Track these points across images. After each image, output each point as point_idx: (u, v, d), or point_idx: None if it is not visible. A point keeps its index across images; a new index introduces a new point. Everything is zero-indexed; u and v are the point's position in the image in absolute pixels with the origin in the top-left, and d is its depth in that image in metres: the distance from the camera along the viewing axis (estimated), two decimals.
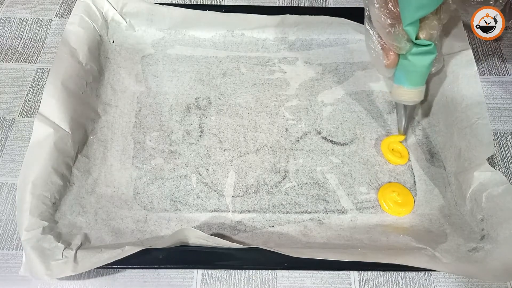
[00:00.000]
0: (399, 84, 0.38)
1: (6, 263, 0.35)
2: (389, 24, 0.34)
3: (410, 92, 0.37)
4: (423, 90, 0.38)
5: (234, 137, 0.41)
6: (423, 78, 0.37)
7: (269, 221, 0.37)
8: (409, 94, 0.37)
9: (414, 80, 0.37)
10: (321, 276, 0.35)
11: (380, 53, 0.37)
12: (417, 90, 0.37)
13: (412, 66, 0.36)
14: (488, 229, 0.33)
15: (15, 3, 0.50)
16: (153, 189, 0.38)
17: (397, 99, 0.39)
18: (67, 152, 0.36)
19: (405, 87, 0.37)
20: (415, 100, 0.38)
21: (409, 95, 0.37)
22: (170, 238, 0.32)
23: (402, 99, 0.38)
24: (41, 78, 0.44)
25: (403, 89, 0.37)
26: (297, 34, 0.46)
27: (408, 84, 0.37)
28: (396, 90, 0.38)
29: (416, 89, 0.37)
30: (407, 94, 0.37)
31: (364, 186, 0.39)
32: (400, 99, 0.38)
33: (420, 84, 0.37)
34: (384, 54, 0.36)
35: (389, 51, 0.36)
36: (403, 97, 0.38)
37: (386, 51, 0.36)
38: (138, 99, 0.43)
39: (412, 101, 0.38)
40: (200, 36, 0.47)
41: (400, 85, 0.37)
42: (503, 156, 0.40)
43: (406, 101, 0.38)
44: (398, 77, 0.38)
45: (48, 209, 0.33)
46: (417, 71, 0.36)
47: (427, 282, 0.35)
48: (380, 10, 0.34)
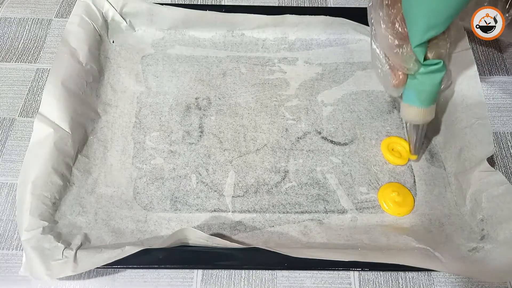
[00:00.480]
0: (409, 103, 0.36)
1: (6, 263, 0.35)
2: (396, 45, 0.32)
3: (421, 111, 0.35)
4: (433, 109, 0.36)
5: (234, 137, 0.41)
6: (433, 96, 0.35)
7: (269, 221, 0.37)
8: (420, 113, 0.36)
9: (425, 99, 0.35)
10: (321, 276, 0.35)
11: (387, 73, 0.35)
12: (428, 109, 0.35)
13: (422, 85, 0.34)
14: (488, 229, 0.33)
15: (15, 3, 0.50)
16: (153, 189, 0.38)
17: (408, 119, 0.37)
18: (67, 152, 0.36)
19: (416, 107, 0.35)
20: (426, 120, 0.36)
21: (420, 114, 0.36)
22: (170, 238, 0.32)
23: (412, 118, 0.36)
24: (41, 78, 0.44)
25: (413, 109, 0.36)
26: (297, 34, 0.46)
27: (419, 103, 0.35)
28: (406, 109, 0.36)
29: (427, 108, 0.35)
30: (417, 114, 0.36)
31: (364, 186, 0.39)
32: (411, 118, 0.37)
33: (431, 103, 0.35)
34: (392, 74, 0.35)
35: (397, 71, 0.34)
36: (413, 117, 0.36)
37: (393, 71, 0.34)
38: (138, 99, 0.43)
39: (423, 121, 0.36)
40: (200, 36, 0.47)
41: (410, 105, 0.36)
42: (503, 156, 0.40)
43: (417, 120, 0.36)
44: (408, 96, 0.36)
45: (48, 209, 0.33)
46: (426, 90, 0.34)
47: (427, 282, 0.35)
48: (387, 31, 0.32)
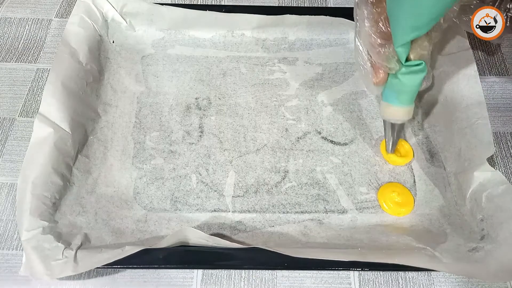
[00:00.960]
0: (388, 102, 0.36)
1: (6, 263, 0.35)
2: (379, 44, 0.32)
3: (400, 110, 0.36)
4: (412, 109, 0.37)
5: (234, 137, 0.41)
6: (412, 97, 0.36)
7: (269, 221, 0.37)
8: (398, 112, 0.36)
9: (404, 99, 0.36)
10: (321, 276, 0.35)
11: (369, 71, 0.35)
12: (406, 109, 0.36)
13: (402, 85, 0.34)
14: (488, 229, 0.33)
15: (15, 3, 0.50)
16: (153, 189, 0.38)
17: (386, 117, 0.38)
18: (67, 152, 0.36)
19: (394, 106, 0.36)
20: (404, 119, 0.37)
21: (399, 113, 0.36)
22: (170, 238, 0.32)
23: (391, 117, 0.37)
24: (41, 78, 0.44)
25: (392, 108, 0.36)
26: (297, 34, 0.46)
27: (398, 102, 0.36)
28: (384, 108, 0.37)
29: (406, 107, 0.36)
30: (396, 113, 0.36)
31: (364, 186, 0.39)
32: (389, 117, 0.37)
33: (410, 103, 0.36)
34: (373, 72, 0.35)
35: (378, 69, 0.35)
36: (392, 116, 0.37)
37: (375, 69, 0.35)
38: (138, 99, 0.43)
39: (401, 120, 0.37)
40: (200, 36, 0.47)
41: (389, 104, 0.36)
42: (503, 156, 0.40)
43: (395, 119, 0.37)
44: (387, 96, 0.36)
45: (48, 209, 0.33)
46: (407, 90, 0.35)
47: (427, 282, 0.35)
48: (371, 29, 0.33)
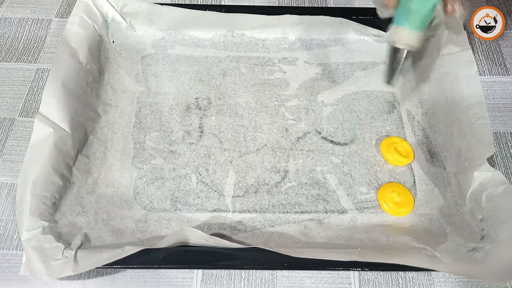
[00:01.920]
0: (398, 25, 0.36)
1: (6, 263, 0.35)
2: None
3: (410, 34, 0.36)
4: (421, 36, 0.36)
5: (234, 137, 0.41)
6: (424, 20, 0.36)
7: (269, 221, 0.37)
8: (408, 36, 0.36)
9: (415, 22, 0.35)
10: (321, 276, 0.35)
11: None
12: (415, 33, 0.36)
13: (415, 5, 0.35)
14: (488, 229, 0.33)
15: (15, 3, 0.50)
16: (153, 189, 0.38)
17: (394, 41, 0.37)
18: (67, 152, 0.36)
19: (404, 28, 0.36)
20: (412, 45, 0.36)
21: (408, 37, 0.36)
22: (170, 238, 0.32)
23: (399, 40, 0.36)
24: (41, 78, 0.44)
25: (402, 30, 0.36)
26: (297, 34, 0.46)
27: (408, 25, 0.36)
28: (394, 31, 0.37)
29: (415, 32, 0.36)
30: (405, 36, 0.36)
31: (364, 186, 0.39)
32: (397, 40, 0.37)
33: (420, 27, 0.36)
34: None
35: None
36: (400, 39, 0.36)
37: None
38: (138, 99, 0.43)
39: (408, 45, 0.36)
40: (200, 36, 0.47)
41: (399, 26, 0.36)
42: (503, 156, 0.40)
43: (403, 43, 0.36)
44: (398, 18, 0.36)
45: (48, 209, 0.33)
46: (418, 10, 0.35)
47: (427, 282, 0.35)
48: None
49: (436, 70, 0.42)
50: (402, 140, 0.41)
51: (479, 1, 0.50)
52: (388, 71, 0.38)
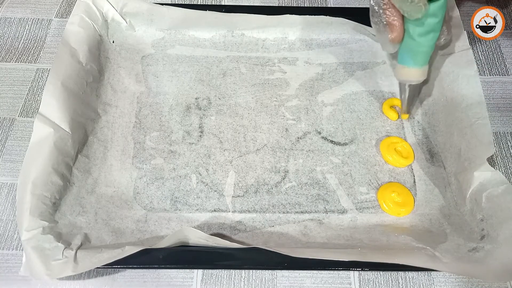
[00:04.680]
0: (404, 65, 0.38)
1: (6, 263, 0.35)
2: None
3: (415, 71, 0.38)
4: (426, 69, 0.38)
5: (234, 137, 0.41)
6: (427, 57, 0.37)
7: (269, 221, 0.37)
8: (414, 74, 0.38)
9: (419, 59, 0.37)
10: (321, 276, 0.35)
11: (385, 28, 0.37)
12: (421, 70, 0.38)
13: (418, 46, 0.36)
14: (488, 229, 0.33)
15: (15, 3, 0.50)
16: (153, 189, 0.38)
17: (402, 79, 0.39)
18: (67, 152, 0.36)
19: (410, 67, 0.38)
20: (419, 80, 0.38)
21: (414, 75, 0.38)
22: (170, 238, 0.32)
23: (407, 79, 0.39)
24: (41, 78, 0.44)
25: (407, 69, 0.38)
26: (297, 34, 0.46)
27: (413, 64, 0.37)
28: (400, 70, 0.39)
29: (421, 68, 0.38)
30: (411, 74, 0.38)
31: (364, 186, 0.39)
32: (405, 79, 0.39)
33: (424, 63, 0.38)
34: (389, 28, 0.36)
35: (394, 25, 0.36)
36: (408, 77, 0.38)
37: (390, 26, 0.36)
38: (138, 99, 0.43)
39: (416, 81, 0.39)
40: (200, 36, 0.47)
41: (404, 66, 0.38)
42: (503, 156, 0.40)
43: (411, 80, 0.39)
44: (402, 58, 0.38)
45: (48, 209, 0.33)
46: (422, 51, 0.37)
47: (427, 282, 0.35)
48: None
49: (436, 70, 0.42)
50: (402, 140, 0.41)
51: (479, 1, 0.50)
52: (404, 103, 0.41)
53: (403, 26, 0.36)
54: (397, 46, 0.38)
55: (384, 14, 0.36)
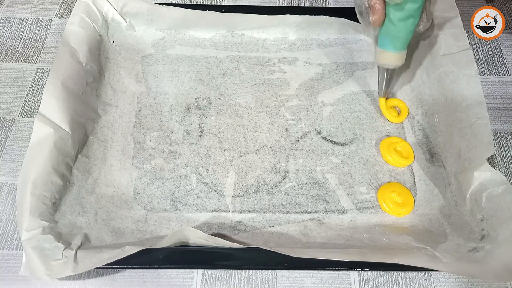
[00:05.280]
0: (383, 48, 0.39)
1: (6, 263, 0.35)
2: None
3: (394, 55, 0.39)
4: (404, 54, 0.39)
5: (234, 137, 0.41)
6: (405, 42, 0.38)
7: (269, 221, 0.37)
8: (393, 57, 0.39)
9: (398, 44, 0.38)
10: (321, 276, 0.35)
11: (367, 11, 0.37)
12: (400, 54, 0.39)
13: (397, 31, 0.37)
14: (488, 229, 0.33)
15: (15, 3, 0.50)
16: (153, 189, 0.38)
17: (381, 63, 0.40)
18: (67, 152, 0.36)
19: (388, 51, 0.39)
20: (397, 64, 0.39)
21: (392, 58, 0.39)
22: (170, 238, 0.32)
23: (385, 62, 0.40)
24: (41, 78, 0.44)
25: (386, 53, 0.39)
26: (297, 34, 0.46)
27: (392, 48, 0.39)
28: (379, 54, 0.40)
29: (399, 53, 0.39)
30: (390, 58, 0.39)
31: (364, 186, 0.39)
32: (384, 62, 0.40)
33: (403, 48, 0.39)
34: (370, 11, 0.37)
35: (375, 8, 0.37)
36: (386, 61, 0.39)
37: (372, 9, 0.37)
38: (138, 99, 0.43)
39: (394, 65, 0.40)
40: (200, 36, 0.47)
41: (384, 49, 0.39)
42: (503, 156, 0.40)
43: (390, 64, 0.40)
44: (382, 42, 0.39)
45: (48, 209, 0.33)
46: (401, 36, 0.38)
47: (427, 282, 0.35)
48: None
49: (436, 70, 0.42)
50: (402, 140, 0.41)
51: (479, 1, 0.50)
52: (382, 86, 0.42)
53: (384, 10, 0.37)
54: (378, 29, 0.39)
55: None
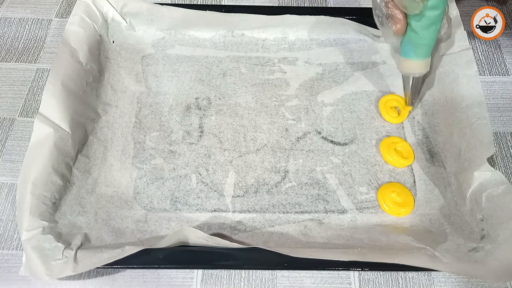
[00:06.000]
0: (406, 57, 0.39)
1: (6, 263, 0.35)
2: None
3: (418, 64, 0.38)
4: (429, 61, 0.39)
5: (234, 137, 0.41)
6: (429, 49, 0.38)
7: (269, 221, 0.37)
8: (417, 66, 0.38)
9: (421, 52, 0.38)
10: (321, 276, 0.35)
11: (388, 21, 0.37)
12: (424, 61, 0.38)
13: (419, 39, 0.36)
14: (488, 229, 0.33)
15: (15, 3, 0.50)
16: (153, 189, 0.38)
17: (405, 72, 0.40)
18: (67, 152, 0.36)
19: (412, 60, 0.38)
20: (422, 72, 0.39)
21: (417, 67, 0.38)
22: (170, 238, 0.32)
23: (410, 71, 0.39)
24: (41, 78, 0.44)
25: (410, 62, 0.38)
26: (297, 34, 0.46)
27: (415, 56, 0.38)
28: (403, 63, 0.39)
29: (423, 60, 0.38)
30: (414, 67, 0.38)
31: (364, 186, 0.39)
32: (408, 71, 0.39)
33: (426, 55, 0.38)
34: (392, 21, 0.36)
35: (396, 16, 0.36)
36: (410, 70, 0.39)
37: (393, 18, 0.36)
38: (138, 99, 0.43)
39: (419, 73, 0.39)
40: (200, 36, 0.47)
41: (407, 58, 0.38)
42: (503, 156, 0.40)
43: (414, 73, 0.39)
44: (405, 51, 0.38)
45: (48, 209, 0.33)
46: (424, 43, 0.37)
47: (427, 282, 0.35)
48: None
49: (436, 70, 0.42)
50: (402, 140, 0.41)
51: (479, 1, 0.50)
52: (407, 95, 0.41)
53: (406, 19, 0.36)
54: (400, 38, 0.38)
55: (386, 7, 0.36)
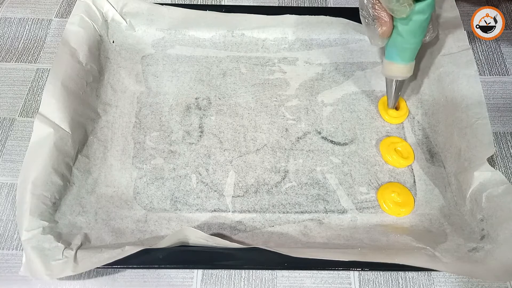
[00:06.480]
0: (391, 60, 0.38)
1: (6, 263, 0.35)
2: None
3: (402, 67, 0.38)
4: (413, 66, 0.39)
5: (234, 137, 0.41)
6: (413, 54, 0.38)
7: (269, 221, 0.37)
8: (401, 69, 0.38)
9: (406, 56, 0.38)
10: (321, 276, 0.35)
11: (373, 22, 0.37)
12: (408, 65, 0.38)
13: (405, 43, 0.36)
14: (488, 229, 0.33)
15: (15, 3, 0.50)
16: (153, 189, 0.38)
17: (389, 75, 0.39)
18: (67, 152, 0.36)
19: (397, 63, 0.38)
20: (406, 76, 0.39)
21: (401, 70, 0.38)
22: (170, 238, 0.32)
23: (393, 74, 0.39)
24: (41, 78, 0.44)
25: (394, 65, 0.38)
26: (297, 34, 0.46)
27: (400, 60, 0.38)
28: (387, 66, 0.39)
29: (408, 64, 0.38)
30: (399, 70, 0.38)
31: (364, 186, 0.39)
32: (392, 74, 0.39)
33: (411, 59, 0.38)
34: (378, 23, 0.36)
35: (382, 19, 0.36)
36: (394, 73, 0.39)
37: (379, 20, 0.36)
38: (138, 99, 0.43)
39: (403, 76, 0.39)
40: (200, 36, 0.47)
41: (392, 61, 0.38)
42: (503, 156, 0.40)
43: (398, 76, 0.39)
44: (390, 54, 0.38)
45: (48, 209, 0.33)
46: (409, 47, 0.37)
47: (427, 282, 0.35)
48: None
49: (436, 70, 0.42)
50: (402, 140, 0.41)
51: (479, 1, 0.50)
52: (390, 98, 0.41)
53: (392, 22, 0.36)
54: (386, 40, 0.38)
55: (373, 9, 0.36)
